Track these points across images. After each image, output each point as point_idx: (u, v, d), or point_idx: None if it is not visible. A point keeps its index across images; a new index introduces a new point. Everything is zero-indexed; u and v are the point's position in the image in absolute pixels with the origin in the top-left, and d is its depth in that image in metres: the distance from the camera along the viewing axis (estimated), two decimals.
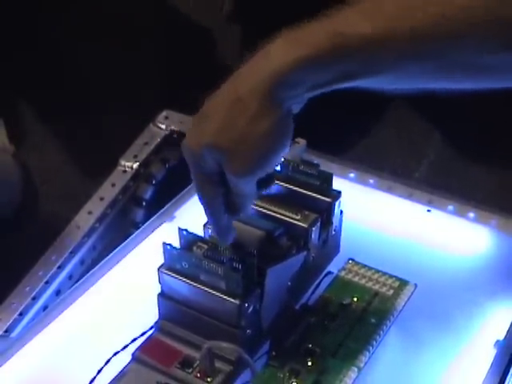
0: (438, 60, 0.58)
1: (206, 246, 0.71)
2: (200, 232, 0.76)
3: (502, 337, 0.77)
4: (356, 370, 0.72)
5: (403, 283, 0.81)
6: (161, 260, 0.72)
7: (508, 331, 0.78)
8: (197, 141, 0.63)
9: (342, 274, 0.82)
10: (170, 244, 0.70)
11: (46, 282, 0.92)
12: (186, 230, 0.72)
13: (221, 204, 0.67)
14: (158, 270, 0.72)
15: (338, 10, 0.58)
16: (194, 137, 0.64)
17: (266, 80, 0.60)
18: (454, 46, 0.57)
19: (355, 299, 0.79)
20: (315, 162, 0.94)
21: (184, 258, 0.70)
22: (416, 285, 0.81)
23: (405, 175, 1.05)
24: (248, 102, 0.61)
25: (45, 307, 0.91)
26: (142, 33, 1.39)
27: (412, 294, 0.80)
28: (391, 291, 0.80)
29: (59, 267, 0.93)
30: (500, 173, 1.07)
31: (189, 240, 0.72)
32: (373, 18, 0.58)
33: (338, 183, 0.81)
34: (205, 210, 0.68)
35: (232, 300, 0.69)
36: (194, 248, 0.71)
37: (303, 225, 0.76)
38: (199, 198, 0.67)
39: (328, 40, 0.58)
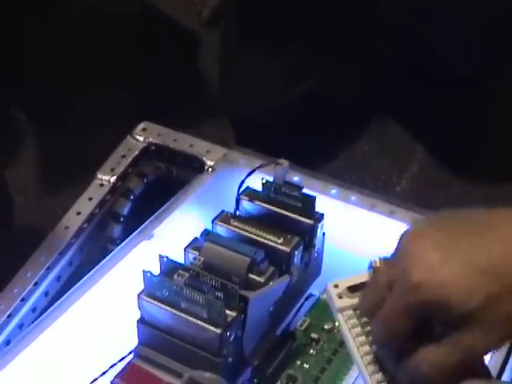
0: None
1: (186, 274, 0.70)
2: (180, 252, 0.74)
3: None
4: None
5: None
6: (139, 280, 0.70)
7: None
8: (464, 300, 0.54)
9: (324, 296, 0.81)
10: (149, 271, 0.69)
11: (22, 300, 0.90)
12: (166, 256, 0.71)
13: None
14: (138, 296, 0.70)
15: None
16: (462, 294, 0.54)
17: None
18: None
19: (337, 323, 0.78)
20: (297, 178, 0.94)
21: (164, 285, 0.69)
22: None
23: (387, 189, 1.04)
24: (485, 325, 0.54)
25: (21, 325, 0.89)
26: (119, 44, 1.37)
27: None
28: None
29: (35, 284, 0.91)
30: (483, 187, 1.06)
31: (169, 267, 0.71)
32: None
33: (319, 200, 0.80)
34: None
35: (213, 329, 0.67)
36: (175, 276, 0.70)
37: (286, 249, 0.75)
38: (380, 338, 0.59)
39: None
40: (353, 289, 0.59)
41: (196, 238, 0.75)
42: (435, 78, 1.14)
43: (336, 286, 0.59)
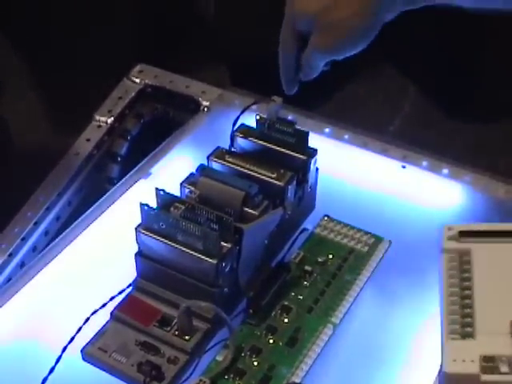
0: None
1: (183, 207, 0.71)
2: (176, 190, 0.76)
3: None
4: (331, 326, 0.74)
5: (378, 239, 0.82)
6: (137, 217, 0.72)
7: None
8: (304, 8, 0.77)
9: (318, 230, 0.83)
10: (147, 204, 0.70)
11: (23, 239, 0.91)
12: (163, 190, 0.72)
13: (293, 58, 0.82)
14: (136, 229, 0.72)
15: None
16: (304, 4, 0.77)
17: None
18: None
19: (330, 256, 0.80)
20: (291, 117, 0.95)
21: (161, 218, 0.70)
22: (391, 241, 0.81)
23: (379, 129, 1.05)
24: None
25: (21, 264, 0.90)
26: None
27: (387, 250, 0.81)
28: (366, 248, 0.81)
29: (35, 223, 0.93)
30: (475, 129, 1.07)
31: (166, 200, 0.72)
32: None
33: (313, 139, 0.81)
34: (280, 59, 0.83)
35: (209, 260, 0.69)
36: (172, 208, 0.71)
37: (279, 183, 0.77)
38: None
39: None
40: (464, 234, 0.61)
41: (192, 173, 0.77)
42: (428, 14, 1.13)
43: (450, 229, 0.62)
